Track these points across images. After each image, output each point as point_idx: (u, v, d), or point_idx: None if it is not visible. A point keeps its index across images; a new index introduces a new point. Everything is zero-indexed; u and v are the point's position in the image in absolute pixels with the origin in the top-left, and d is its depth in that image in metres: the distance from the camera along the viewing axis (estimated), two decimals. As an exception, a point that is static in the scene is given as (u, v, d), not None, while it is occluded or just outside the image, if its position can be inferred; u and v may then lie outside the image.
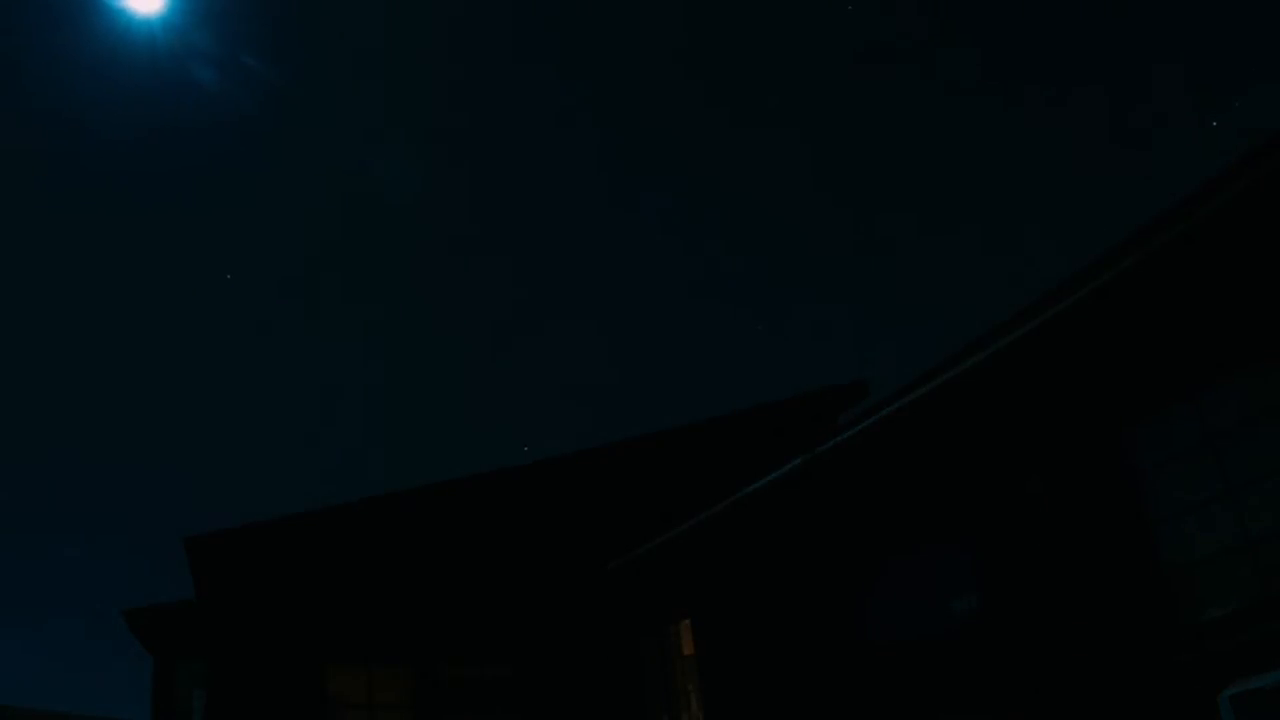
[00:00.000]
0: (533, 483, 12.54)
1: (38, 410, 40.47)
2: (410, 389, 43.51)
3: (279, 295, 43.32)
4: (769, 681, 9.79)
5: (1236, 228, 6.17)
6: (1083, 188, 36.78)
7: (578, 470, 12.79)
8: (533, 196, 44.27)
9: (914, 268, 40.04)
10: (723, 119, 42.60)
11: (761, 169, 42.36)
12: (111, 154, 41.69)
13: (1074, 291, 6.80)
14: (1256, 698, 5.96)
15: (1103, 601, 6.88)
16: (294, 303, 43.79)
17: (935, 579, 8.27)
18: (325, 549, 11.49)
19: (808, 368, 38.61)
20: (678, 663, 11.48)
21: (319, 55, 41.06)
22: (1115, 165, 35.54)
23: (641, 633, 11.89)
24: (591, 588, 12.17)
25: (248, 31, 37.99)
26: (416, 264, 43.85)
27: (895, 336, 37.97)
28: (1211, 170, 5.94)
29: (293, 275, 43.26)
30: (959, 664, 7.92)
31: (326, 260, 43.60)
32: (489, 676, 11.76)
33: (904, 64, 39.44)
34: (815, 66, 40.30)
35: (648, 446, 13.14)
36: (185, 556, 10.91)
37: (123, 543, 43.16)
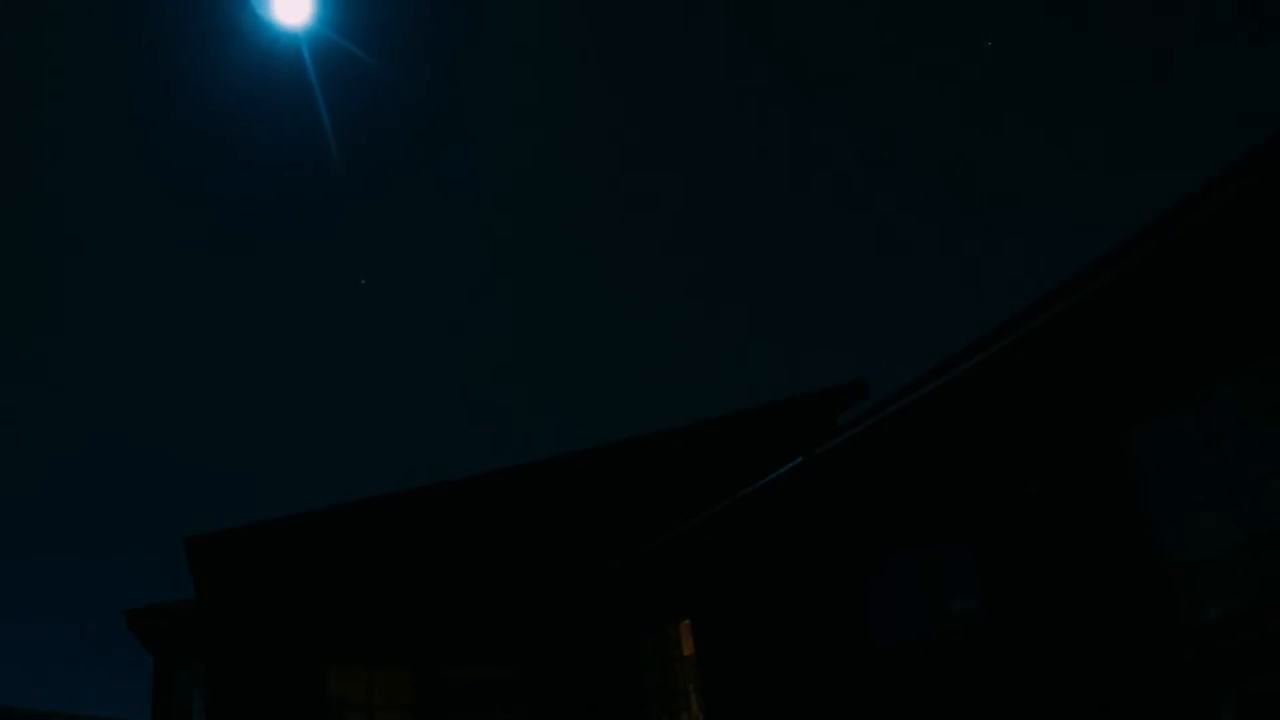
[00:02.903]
0: (533, 483, 12.54)
1: (38, 410, 40.47)
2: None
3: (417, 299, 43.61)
4: (769, 681, 9.79)
5: (1236, 228, 6.17)
6: (1082, 188, 36.78)
7: (578, 470, 12.79)
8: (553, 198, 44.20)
9: (914, 268, 40.05)
10: (722, 117, 42.63)
11: (763, 168, 42.38)
12: (253, 164, 42.35)
13: (1074, 292, 6.80)
14: (1256, 698, 5.97)
15: (1103, 602, 6.89)
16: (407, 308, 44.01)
17: (935, 579, 8.28)
18: (325, 549, 11.49)
19: (808, 368, 38.60)
20: (678, 663, 11.49)
21: (458, 65, 41.41)
22: (1116, 163, 35.57)
23: (641, 633, 11.89)
24: (591, 588, 12.17)
25: (390, 43, 38.46)
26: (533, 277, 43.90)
27: (895, 336, 37.98)
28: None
29: (428, 281, 43.64)
30: (959, 664, 7.92)
31: (459, 266, 43.80)
32: (489, 677, 11.76)
33: (903, 59, 39.42)
34: (806, 65, 40.29)
35: (648, 446, 13.14)
36: (185, 556, 10.91)
37: (123, 543, 43.17)
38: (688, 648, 11.32)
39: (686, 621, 11.24)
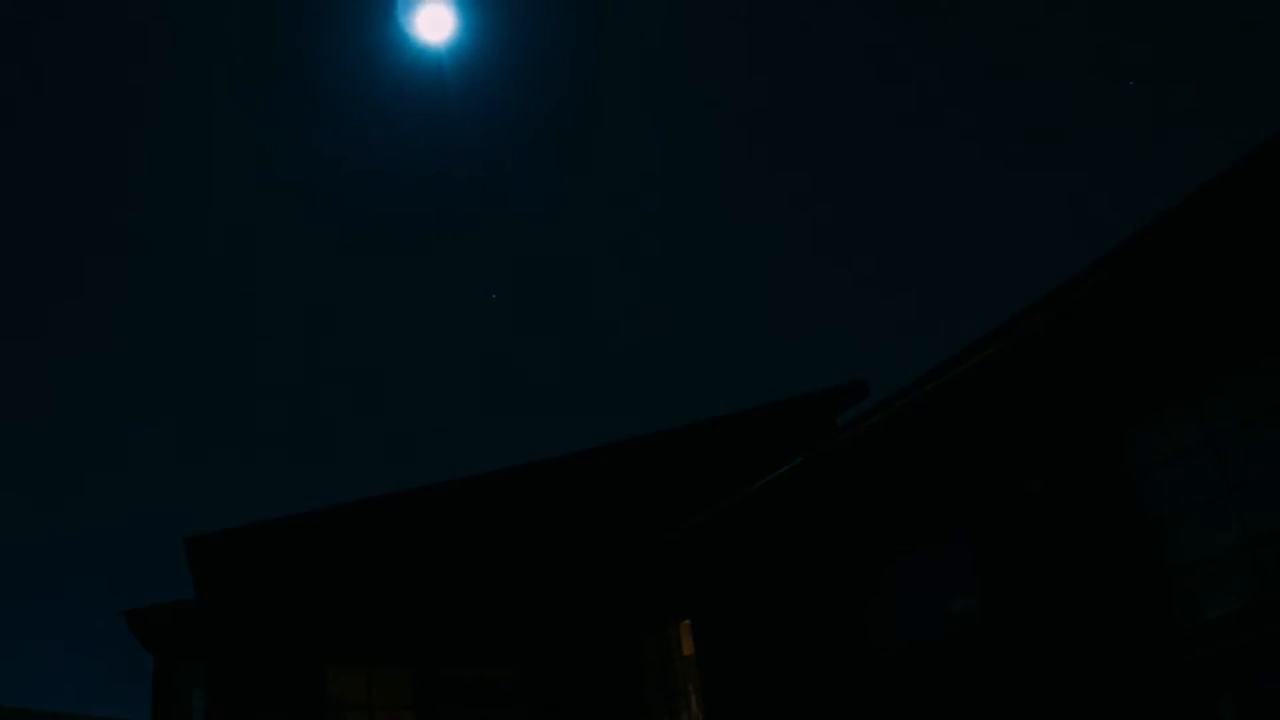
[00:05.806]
0: (533, 483, 12.53)
1: (39, 409, 40.49)
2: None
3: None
4: (769, 682, 9.79)
5: (1235, 228, 6.18)
6: (1082, 187, 36.82)
7: (578, 471, 12.78)
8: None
9: (914, 268, 40.08)
10: (724, 125, 42.67)
11: (763, 168, 42.40)
12: (387, 178, 42.32)
13: (1073, 293, 6.81)
14: (1256, 697, 5.97)
15: (1103, 602, 6.89)
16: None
17: (936, 579, 8.27)
18: (325, 549, 11.49)
19: (808, 368, 38.58)
20: (678, 663, 11.49)
21: (594, 81, 41.25)
22: (1117, 160, 35.63)
23: (642, 633, 11.89)
24: (591, 588, 12.17)
25: (530, 58, 38.33)
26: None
27: (895, 336, 37.95)
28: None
29: (557, 295, 43.39)
30: (959, 664, 7.92)
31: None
32: (489, 676, 11.76)
33: (902, 65, 39.43)
34: (814, 78, 40.34)
35: (648, 447, 13.14)
36: (185, 556, 10.91)
37: (123, 543, 43.19)
38: (688, 648, 11.32)
39: (686, 621, 11.24)
